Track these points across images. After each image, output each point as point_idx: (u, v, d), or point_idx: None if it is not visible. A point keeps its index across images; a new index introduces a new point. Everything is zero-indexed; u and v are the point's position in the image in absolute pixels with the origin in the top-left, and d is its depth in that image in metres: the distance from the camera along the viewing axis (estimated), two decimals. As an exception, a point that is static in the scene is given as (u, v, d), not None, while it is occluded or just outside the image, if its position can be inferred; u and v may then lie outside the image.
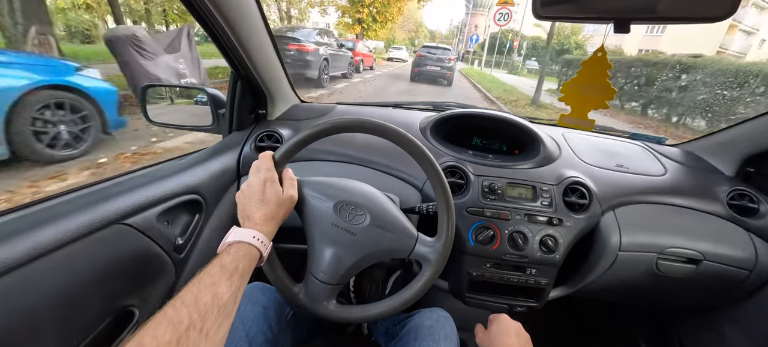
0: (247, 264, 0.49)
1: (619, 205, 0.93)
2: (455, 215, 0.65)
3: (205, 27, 0.70)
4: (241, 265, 0.47)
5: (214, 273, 0.44)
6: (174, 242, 0.74)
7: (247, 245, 0.51)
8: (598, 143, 1.12)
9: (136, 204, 0.65)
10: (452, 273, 0.96)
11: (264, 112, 1.04)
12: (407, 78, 12.62)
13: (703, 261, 0.88)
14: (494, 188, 0.89)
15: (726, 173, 1.04)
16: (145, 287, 0.69)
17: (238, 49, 0.78)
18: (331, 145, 0.95)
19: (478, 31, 69.66)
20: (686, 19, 0.47)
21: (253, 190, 0.57)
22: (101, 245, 0.59)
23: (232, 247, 0.50)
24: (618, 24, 0.47)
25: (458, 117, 1.09)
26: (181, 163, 0.81)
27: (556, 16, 0.50)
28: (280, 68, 0.98)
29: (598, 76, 0.65)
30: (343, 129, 0.63)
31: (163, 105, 1.00)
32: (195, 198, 0.80)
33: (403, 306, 0.64)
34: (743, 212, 0.94)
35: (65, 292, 0.53)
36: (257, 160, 0.61)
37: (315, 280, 0.63)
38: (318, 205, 0.63)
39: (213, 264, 0.46)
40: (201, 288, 0.41)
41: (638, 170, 1.01)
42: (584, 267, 0.94)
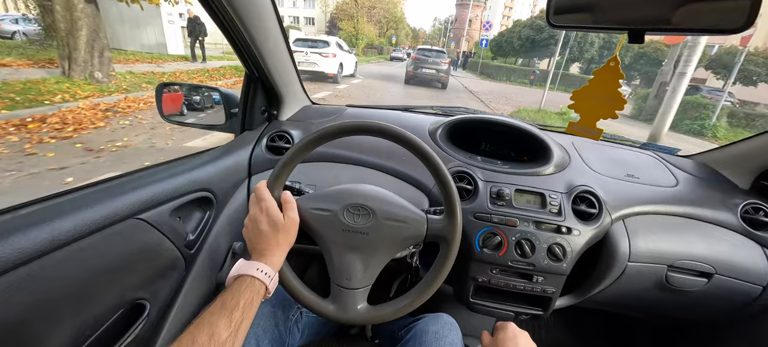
0: (249, 298, 0.50)
1: (630, 215, 0.92)
2: (463, 221, 0.65)
3: (224, 30, 0.72)
4: (242, 300, 0.49)
5: (215, 311, 0.46)
6: (185, 238, 0.76)
7: (250, 278, 0.52)
8: (608, 152, 1.11)
9: (150, 199, 0.67)
10: (458, 278, 0.96)
11: (276, 112, 1.06)
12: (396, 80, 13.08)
13: (715, 275, 0.87)
14: (502, 194, 0.89)
15: (740, 186, 1.02)
16: (156, 281, 0.71)
17: (253, 52, 0.80)
18: (341, 148, 0.96)
19: (474, 26, 62.88)
20: (702, 30, 0.47)
21: (253, 222, 0.59)
22: (116, 239, 0.60)
23: (236, 282, 0.51)
24: (632, 34, 0.47)
25: (468, 122, 1.09)
26: (194, 160, 0.83)
27: (570, 24, 0.51)
28: (293, 70, 1.00)
29: (609, 85, 0.65)
30: (334, 136, 0.64)
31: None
32: (206, 195, 0.81)
33: (432, 290, 0.65)
34: (757, 226, 0.92)
35: (81, 283, 0.55)
36: (253, 193, 0.62)
37: (341, 289, 0.64)
38: (324, 216, 0.64)
39: (216, 301, 0.48)
40: (199, 330, 0.43)
41: (649, 180, 1.00)
42: (592, 277, 0.93)
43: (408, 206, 0.67)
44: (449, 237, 0.64)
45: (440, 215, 0.67)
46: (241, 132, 1.00)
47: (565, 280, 0.89)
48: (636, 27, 0.47)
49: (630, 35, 0.47)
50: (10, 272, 0.45)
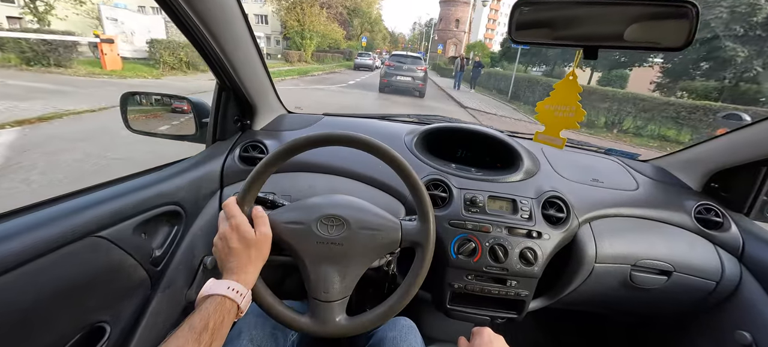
0: (219, 318, 0.48)
1: (595, 218, 0.96)
2: (437, 228, 0.66)
3: (191, 38, 0.70)
4: (211, 322, 0.47)
5: (182, 335, 0.44)
6: (151, 255, 0.73)
7: (220, 297, 0.50)
8: (575, 157, 1.17)
9: (112, 216, 0.64)
10: (435, 284, 0.97)
11: (249, 122, 1.04)
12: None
13: (673, 273, 0.92)
14: (476, 201, 0.91)
15: (693, 187, 1.10)
16: (119, 301, 0.67)
17: (223, 61, 0.78)
18: (318, 157, 0.96)
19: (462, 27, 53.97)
20: (649, 47, 0.51)
21: (224, 240, 0.57)
22: (72, 259, 0.57)
23: (205, 303, 0.49)
24: (587, 51, 0.50)
25: (442, 131, 1.11)
26: (160, 174, 0.80)
27: (531, 40, 0.53)
28: (266, 80, 0.98)
29: (569, 98, 0.69)
30: (304, 147, 0.63)
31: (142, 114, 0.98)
32: (174, 209, 0.78)
33: (410, 296, 0.65)
34: (709, 225, 0.99)
35: (31, 309, 0.51)
36: (222, 210, 0.61)
37: (319, 302, 0.62)
38: (297, 230, 0.63)
39: (183, 325, 0.46)
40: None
41: (613, 184, 1.06)
42: (562, 279, 0.97)
43: (382, 213, 0.67)
44: (424, 242, 0.65)
45: (414, 221, 0.68)
46: (212, 142, 0.97)
47: (537, 283, 0.92)
48: (591, 44, 0.50)
49: (585, 51, 0.50)
50: None
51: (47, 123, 4.51)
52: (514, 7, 0.51)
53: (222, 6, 0.68)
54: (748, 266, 0.94)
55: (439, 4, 58.72)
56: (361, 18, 49.79)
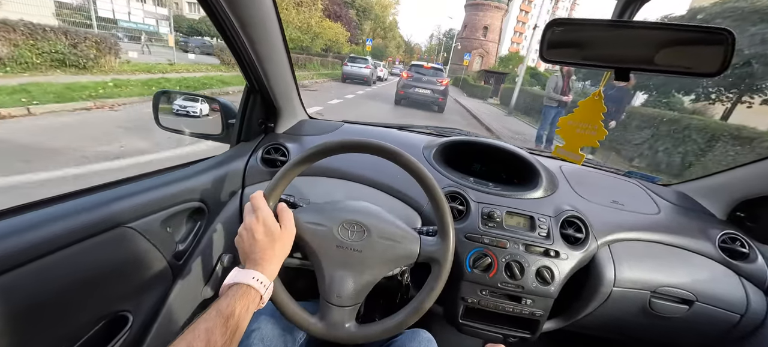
0: (244, 307, 0.50)
1: (615, 241, 0.95)
2: (455, 240, 0.67)
3: (230, 44, 0.74)
4: (238, 309, 0.49)
5: (211, 319, 0.46)
6: (174, 249, 0.75)
7: (245, 286, 0.52)
8: (594, 177, 1.15)
9: (141, 208, 0.66)
10: (448, 298, 0.96)
11: (272, 125, 1.07)
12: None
13: (695, 302, 0.89)
14: (493, 215, 0.91)
15: (717, 215, 1.07)
16: (141, 292, 0.69)
17: (256, 65, 0.81)
18: (337, 163, 0.97)
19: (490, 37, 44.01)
20: (681, 72, 0.51)
21: (249, 231, 0.58)
22: (103, 247, 0.59)
23: (231, 290, 0.51)
24: (618, 72, 0.51)
25: (461, 144, 1.12)
26: (187, 170, 0.83)
27: (562, 59, 0.54)
28: (292, 84, 1.01)
29: (592, 116, 0.69)
30: (335, 151, 0.65)
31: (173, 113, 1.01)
32: (199, 205, 0.81)
33: (422, 311, 0.65)
34: (734, 255, 0.96)
35: (66, 291, 0.53)
36: (249, 202, 0.62)
37: (330, 306, 0.63)
38: (319, 231, 0.64)
39: (211, 308, 0.48)
40: (195, 336, 0.43)
41: (633, 207, 1.04)
42: (579, 301, 0.95)
43: (402, 225, 0.68)
44: (442, 259, 0.65)
45: (433, 237, 0.68)
46: (236, 143, 1.00)
47: (553, 303, 0.90)
48: (622, 66, 0.50)
49: (616, 73, 0.51)
50: (4, 274, 0.44)
51: None
52: (547, 26, 0.52)
53: (263, 15, 0.71)
54: None
55: (464, 8, 48.68)
56: (373, 22, 44.64)
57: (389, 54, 55.99)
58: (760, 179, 0.96)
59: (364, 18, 41.25)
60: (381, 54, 49.23)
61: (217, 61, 12.87)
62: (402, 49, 70.19)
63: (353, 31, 34.31)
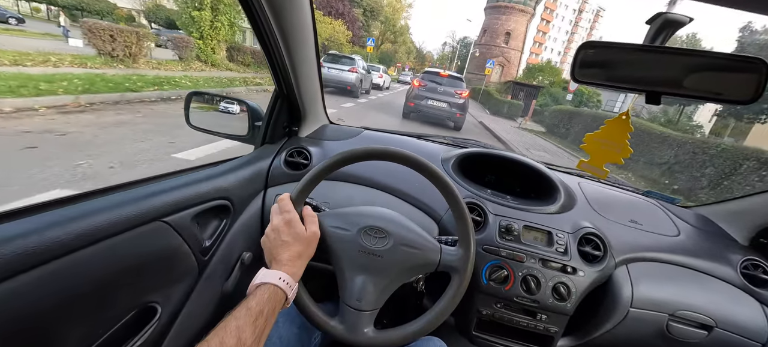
0: (272, 306, 0.52)
1: (633, 260, 0.94)
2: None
3: (266, 51, 0.77)
4: (266, 308, 0.50)
5: (241, 317, 0.47)
6: (202, 244, 0.77)
7: (272, 286, 0.54)
8: (612, 195, 1.15)
9: (175, 204, 0.69)
10: (462, 309, 0.96)
11: (296, 128, 1.10)
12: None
13: (715, 328, 0.88)
14: (511, 229, 0.91)
15: (739, 240, 1.05)
16: (170, 284, 0.71)
17: (288, 72, 0.84)
18: (357, 169, 0.99)
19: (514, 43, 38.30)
20: (712, 98, 0.51)
21: (276, 232, 0.60)
22: (140, 240, 0.62)
23: (259, 289, 0.53)
24: (649, 96, 0.52)
25: (479, 156, 1.13)
26: (216, 169, 0.86)
27: (592, 80, 0.55)
28: (319, 90, 1.05)
29: (619, 134, 0.70)
30: (362, 158, 0.67)
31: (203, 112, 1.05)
32: (225, 203, 0.83)
33: (440, 320, 0.66)
34: (756, 282, 0.94)
35: (104, 281, 0.56)
36: (275, 203, 0.65)
37: (350, 309, 0.65)
38: (342, 235, 0.66)
39: (241, 306, 0.49)
40: (227, 333, 0.45)
41: (652, 227, 1.03)
42: (594, 320, 0.94)
43: (424, 234, 0.69)
44: (462, 270, 0.66)
45: (454, 246, 0.69)
46: (261, 145, 1.03)
47: (567, 320, 0.90)
48: (652, 89, 0.51)
49: (647, 96, 0.52)
50: (45, 264, 0.47)
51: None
52: (579, 48, 0.54)
53: (302, 24, 0.74)
54: None
55: (484, 10, 42.68)
56: (383, 24, 42.18)
57: (398, 60, 51.79)
58: None
59: (371, 18, 37.87)
60: (389, 60, 46.15)
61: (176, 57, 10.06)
62: (413, 56, 65.58)
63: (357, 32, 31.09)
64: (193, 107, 1.01)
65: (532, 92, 20.76)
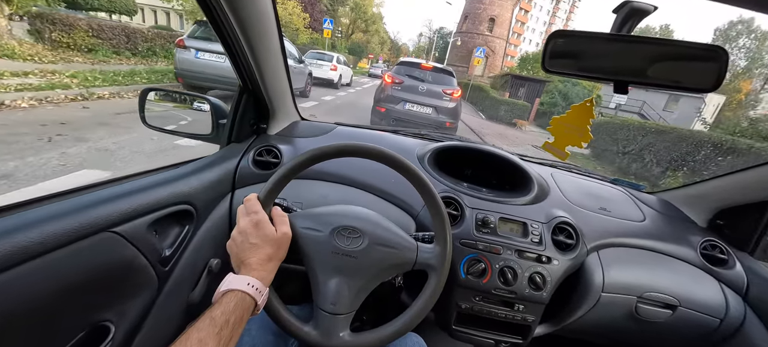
0: (239, 314, 0.48)
1: (603, 247, 0.97)
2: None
3: (225, 43, 0.71)
4: (232, 317, 0.47)
5: (204, 328, 0.44)
6: (161, 254, 0.72)
7: (240, 293, 0.50)
8: (583, 184, 1.18)
9: (128, 212, 0.63)
10: (441, 304, 0.95)
11: (265, 126, 1.04)
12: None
13: (678, 307, 0.93)
14: (488, 221, 0.91)
15: (699, 223, 1.11)
16: (125, 300, 0.66)
17: (252, 66, 0.79)
18: (331, 166, 0.96)
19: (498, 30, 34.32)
20: (676, 87, 0.52)
21: (244, 235, 0.57)
22: (86, 254, 0.56)
23: (225, 297, 0.49)
24: (618, 84, 0.52)
25: (455, 149, 1.12)
26: (176, 172, 0.79)
27: (563, 70, 0.55)
28: (287, 85, 0.99)
29: (582, 120, 0.72)
30: (334, 155, 0.64)
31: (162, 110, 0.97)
32: (187, 209, 0.77)
33: (418, 319, 0.64)
34: (714, 262, 1.00)
35: (43, 301, 0.50)
36: (242, 204, 0.61)
37: (325, 314, 0.62)
38: (315, 236, 0.63)
39: (204, 316, 0.45)
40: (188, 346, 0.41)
41: (620, 214, 1.06)
42: (568, 306, 0.97)
43: (399, 232, 0.67)
44: (439, 267, 0.65)
45: (430, 244, 0.68)
46: (227, 144, 0.97)
47: (544, 309, 0.92)
48: (622, 78, 0.51)
49: (615, 85, 0.52)
50: None
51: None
52: (549, 38, 0.53)
53: (260, 14, 0.69)
54: (752, 305, 0.95)
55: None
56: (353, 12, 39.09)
57: (371, 50, 47.40)
58: (738, 189, 1.00)
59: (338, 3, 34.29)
60: (361, 50, 42.56)
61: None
62: (387, 47, 60.37)
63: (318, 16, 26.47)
64: (150, 104, 0.93)
65: (535, 88, 16.35)
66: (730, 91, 33.20)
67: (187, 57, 5.63)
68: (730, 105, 24.50)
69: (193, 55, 5.62)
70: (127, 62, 8.63)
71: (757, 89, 39.40)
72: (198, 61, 5.61)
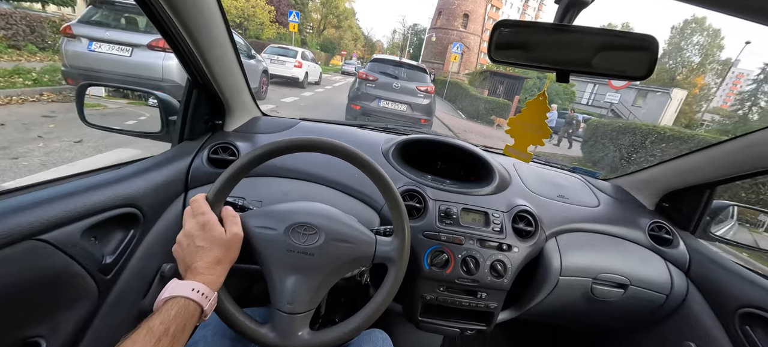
0: (181, 322, 0.45)
1: (561, 232, 1.01)
2: (412, 239, 0.66)
3: (163, 32, 0.66)
4: (173, 326, 0.44)
5: (140, 339, 0.41)
6: (101, 261, 0.66)
7: (183, 300, 0.47)
8: (543, 173, 1.22)
9: (57, 218, 0.58)
10: (407, 296, 0.96)
11: (221, 122, 0.99)
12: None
13: (629, 286, 0.98)
14: (450, 213, 0.92)
15: (647, 206, 1.18)
16: (58, 312, 0.60)
17: (197, 58, 0.75)
18: (293, 162, 0.93)
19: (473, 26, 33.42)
20: (616, 75, 0.54)
21: (189, 238, 0.54)
22: (8, 264, 0.51)
23: (166, 305, 0.46)
24: (560, 74, 0.53)
25: (419, 142, 1.12)
26: (117, 173, 0.74)
27: (509, 60, 0.55)
28: (241, 79, 0.95)
29: (538, 116, 0.73)
30: (285, 151, 0.62)
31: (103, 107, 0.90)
32: (131, 212, 0.72)
33: (379, 313, 0.63)
34: (660, 242, 1.06)
35: None
36: (188, 206, 0.58)
37: (282, 314, 0.60)
38: (269, 235, 0.60)
39: (141, 327, 0.42)
40: None
41: (577, 201, 1.11)
42: (529, 291, 1.00)
43: (357, 226, 0.66)
44: (397, 259, 0.64)
45: (389, 237, 0.67)
46: (179, 142, 0.92)
47: (505, 295, 0.94)
48: (563, 68, 0.53)
49: (557, 74, 0.53)
50: None
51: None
52: (494, 27, 0.53)
53: (199, 3, 0.65)
54: (693, 280, 1.02)
55: None
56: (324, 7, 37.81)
57: (344, 47, 44.74)
58: (680, 173, 1.07)
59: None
60: (333, 47, 40.98)
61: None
62: (361, 43, 57.87)
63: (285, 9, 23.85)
64: (90, 100, 0.86)
65: (513, 85, 16.21)
66: (688, 86, 35.73)
67: (76, 50, 4.04)
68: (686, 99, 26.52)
69: (86, 46, 4.04)
70: (32, 58, 6.90)
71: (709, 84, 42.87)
72: (91, 55, 3.98)
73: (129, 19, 4.35)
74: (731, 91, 52.79)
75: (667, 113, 23.46)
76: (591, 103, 24.74)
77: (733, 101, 47.74)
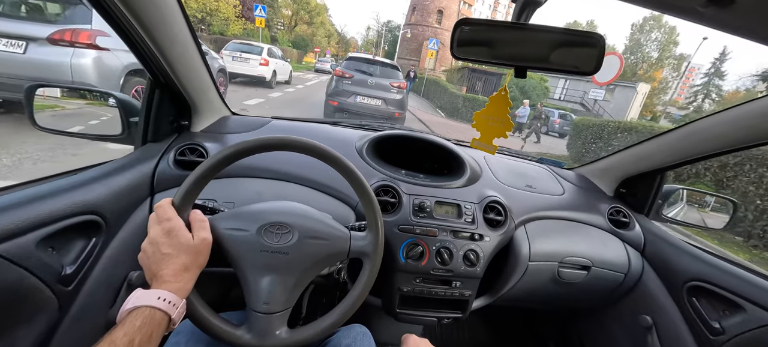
0: (147, 333, 0.44)
1: (529, 220, 1.06)
2: (387, 233, 0.68)
3: (120, 32, 0.63)
4: (138, 337, 0.42)
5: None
6: (60, 272, 0.63)
7: (148, 309, 0.46)
8: (512, 165, 1.27)
9: (9, 228, 0.54)
10: (384, 289, 0.98)
11: (187, 123, 0.96)
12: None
13: (592, 268, 1.05)
14: (424, 206, 0.95)
15: (607, 193, 1.26)
16: (15, 329, 0.57)
17: (157, 56, 0.72)
18: (266, 162, 0.92)
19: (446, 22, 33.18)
20: (570, 71, 0.58)
21: (155, 245, 0.52)
22: None
23: (130, 316, 0.45)
24: (518, 70, 0.56)
25: (393, 138, 1.14)
26: (75, 178, 0.70)
27: (470, 57, 0.58)
28: (206, 78, 0.92)
29: (501, 110, 0.76)
30: (253, 151, 0.61)
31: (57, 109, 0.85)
32: (92, 219, 0.69)
33: (355, 307, 0.64)
34: (619, 225, 1.14)
35: None
36: (154, 212, 0.56)
37: (258, 314, 0.59)
38: (240, 237, 0.60)
39: (103, 340, 0.41)
40: None
41: (544, 190, 1.17)
42: (501, 278, 1.05)
43: (331, 222, 0.67)
44: (372, 253, 0.66)
45: (363, 232, 0.68)
46: (142, 144, 0.88)
47: (479, 283, 0.98)
48: (520, 64, 0.56)
49: (516, 70, 0.56)
50: None
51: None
52: (456, 25, 0.55)
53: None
54: (648, 259, 1.11)
55: None
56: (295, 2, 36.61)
57: (317, 44, 43.43)
58: (635, 160, 1.16)
59: None
60: (306, 44, 39.57)
61: None
62: (334, 40, 56.82)
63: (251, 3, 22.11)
64: (41, 102, 0.81)
65: (492, 82, 16.42)
66: (648, 79, 38.09)
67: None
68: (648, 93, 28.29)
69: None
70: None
71: (667, 78, 45.88)
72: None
73: (33, 5, 3.16)
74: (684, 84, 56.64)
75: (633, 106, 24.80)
76: (563, 98, 25.55)
77: (686, 93, 51.49)
